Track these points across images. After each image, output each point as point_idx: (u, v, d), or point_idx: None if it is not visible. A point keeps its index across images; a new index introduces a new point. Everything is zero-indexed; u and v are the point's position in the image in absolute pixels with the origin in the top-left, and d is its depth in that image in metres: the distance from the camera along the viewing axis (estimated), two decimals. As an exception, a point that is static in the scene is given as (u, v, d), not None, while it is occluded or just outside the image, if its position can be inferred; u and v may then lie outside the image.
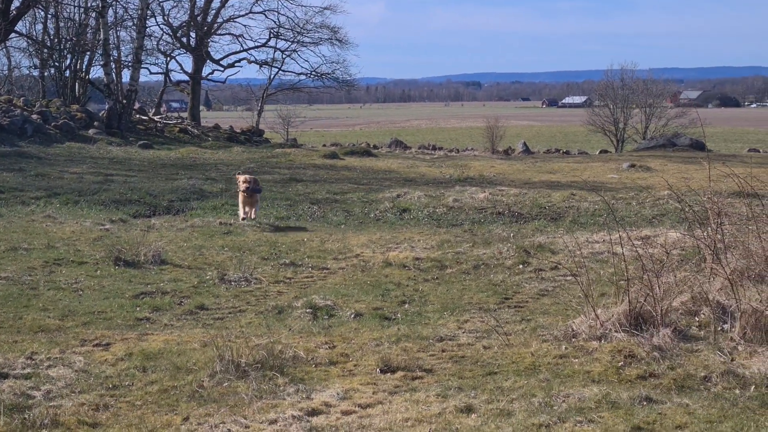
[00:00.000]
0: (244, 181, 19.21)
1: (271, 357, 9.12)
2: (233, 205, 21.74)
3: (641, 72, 69.22)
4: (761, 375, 8.53)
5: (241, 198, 19.32)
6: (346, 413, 7.93)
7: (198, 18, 60.04)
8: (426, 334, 10.40)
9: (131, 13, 53.30)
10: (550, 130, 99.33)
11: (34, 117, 38.81)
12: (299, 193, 24.88)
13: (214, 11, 61.40)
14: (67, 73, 51.03)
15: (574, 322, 10.36)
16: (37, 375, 8.81)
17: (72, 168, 29.04)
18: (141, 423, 7.66)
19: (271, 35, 63.55)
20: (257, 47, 64.27)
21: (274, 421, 7.70)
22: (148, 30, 53.01)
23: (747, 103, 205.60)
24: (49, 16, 52.32)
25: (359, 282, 13.69)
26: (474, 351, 9.82)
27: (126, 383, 8.70)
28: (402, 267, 14.64)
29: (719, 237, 12.25)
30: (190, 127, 49.53)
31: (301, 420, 7.69)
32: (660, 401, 8.04)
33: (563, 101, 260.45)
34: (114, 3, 50.54)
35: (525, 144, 51.56)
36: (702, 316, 10.39)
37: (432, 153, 46.87)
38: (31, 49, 54.17)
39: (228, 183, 26.04)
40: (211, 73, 64.09)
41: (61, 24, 52.31)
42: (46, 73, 53.92)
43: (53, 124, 39.10)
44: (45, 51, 52.36)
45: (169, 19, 59.99)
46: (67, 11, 51.85)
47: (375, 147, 48.75)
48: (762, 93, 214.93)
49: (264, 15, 63.25)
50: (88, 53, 51.97)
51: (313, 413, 7.91)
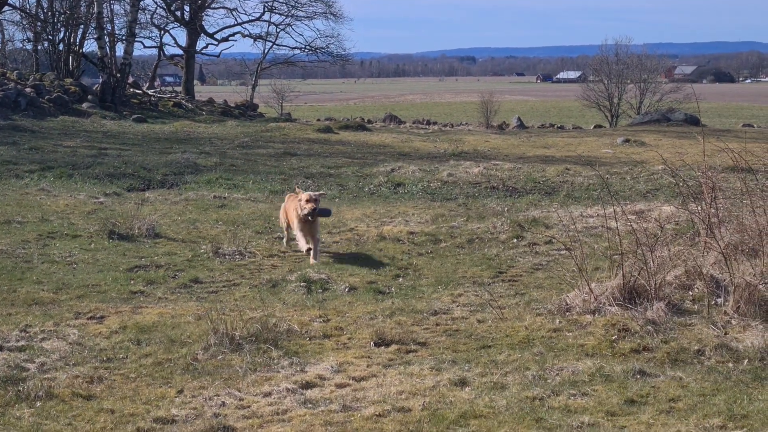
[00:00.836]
0: (307, 201, 13.32)
1: (266, 330, 9.12)
2: (227, 179, 21.67)
3: (636, 47, 69.08)
4: (754, 349, 8.55)
5: (299, 224, 13.49)
6: (340, 386, 7.94)
7: (192, -9, 59.72)
8: (420, 307, 10.41)
9: (125, -14, 52.98)
10: (544, 105, 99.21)
11: (27, 90, 38.62)
12: (293, 168, 24.82)
13: (208, -16, 61.10)
14: (61, 47, 50.63)
15: (568, 296, 10.36)
16: (31, 347, 8.81)
17: (66, 141, 28.94)
18: (135, 395, 7.66)
19: (266, 9, 63.27)
20: (251, 21, 64.02)
21: (268, 394, 7.71)
22: (142, 3, 52.67)
23: (742, 79, 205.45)
24: (43, -12, 52.01)
25: (353, 256, 13.69)
26: (468, 325, 9.83)
27: (120, 356, 8.70)
28: (396, 241, 14.64)
29: (713, 211, 12.23)
30: (184, 101, 49.40)
31: (295, 393, 7.69)
32: (653, 375, 8.06)
33: (558, 76, 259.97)
34: (108, -24, 50.20)
35: (519, 119, 51.45)
36: (696, 290, 10.40)
37: (426, 128, 46.74)
38: (25, 23, 53.72)
39: (222, 157, 25.98)
40: (206, 47, 63.80)
41: (55, -3, 52.02)
42: (39, 47, 53.53)
43: (47, 97, 38.90)
44: (38, 24, 51.94)
45: (163, -8, 59.68)
46: (61, -16, 51.54)
47: (369, 121, 48.61)
48: (757, 68, 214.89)
49: (258, -12, 63.05)
50: (81, 27, 51.56)
51: (308, 386, 7.92)
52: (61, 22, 51.28)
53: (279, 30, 64.57)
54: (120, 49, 49.00)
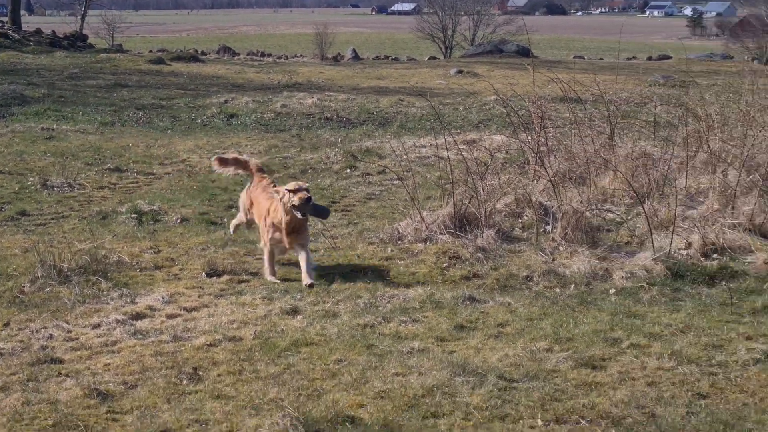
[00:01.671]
0: (295, 191, 8.98)
1: (95, 262, 8.88)
2: (56, 111, 20.92)
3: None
4: (581, 274, 8.76)
5: (286, 223, 9.07)
6: (171, 317, 7.81)
7: None
8: (253, 238, 10.27)
9: None
10: (379, 36, 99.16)
11: None
12: (124, 99, 24.16)
13: None
14: None
15: (400, 224, 10.40)
16: None
17: None
18: (-47, 331, 7.37)
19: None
20: (79, -53, 61.71)
21: (97, 326, 7.52)
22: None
23: (573, 11, 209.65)
24: None
25: (185, 187, 13.43)
26: (300, 254, 9.77)
27: (-63, 291, 8.35)
28: (228, 172, 14.43)
29: (543, 140, 12.47)
30: (10, 32, 47.31)
31: (125, 324, 7.52)
32: (483, 300, 8.17)
33: (393, 8, 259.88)
34: None
35: (354, 51, 51.24)
36: (525, 217, 10.59)
37: (260, 59, 46.23)
38: None
39: (50, 88, 25.07)
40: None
41: None
42: None
43: None
44: None
45: None
46: None
47: (203, 53, 47.64)
48: (588, 1, 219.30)
49: None
50: None
51: (138, 317, 7.77)
52: None
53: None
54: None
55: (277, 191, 9.12)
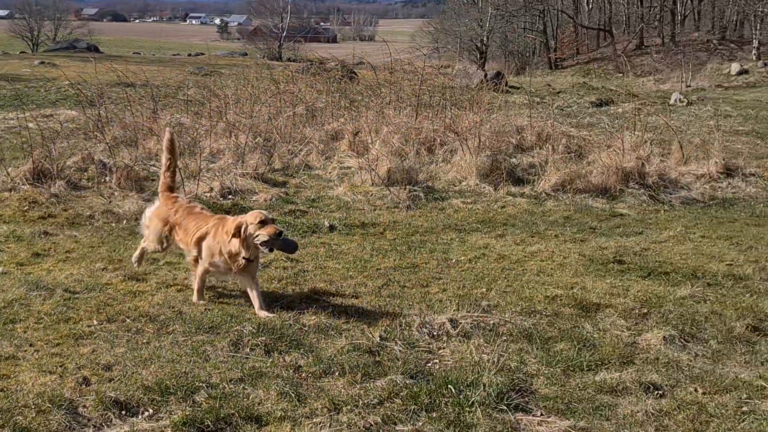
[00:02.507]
0: (261, 222, 5.74)
1: None
2: None
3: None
4: (131, 212, 8.62)
5: (243, 257, 5.82)
6: None
7: None
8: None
9: None
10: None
11: None
12: None
13: None
14: None
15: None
16: None
17: None
18: None
19: None
20: None
21: None
22: None
23: (133, 19, 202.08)
24: None
25: None
26: None
27: None
28: None
29: (103, 114, 12.07)
30: None
31: None
32: (55, 234, 7.81)
33: None
34: None
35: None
36: (90, 171, 10.17)
37: None
38: None
39: None
40: None
41: None
42: None
43: None
44: None
45: None
46: None
47: None
48: (143, 11, 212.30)
49: None
50: None
51: None
52: None
53: None
54: None
55: (223, 220, 5.92)
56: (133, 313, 5.64)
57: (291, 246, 5.96)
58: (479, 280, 6.66)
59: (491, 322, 5.54)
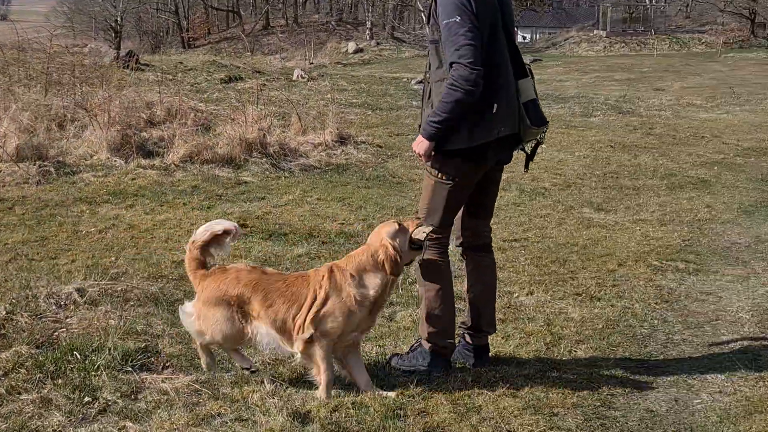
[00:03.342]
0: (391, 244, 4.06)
1: None
2: None
3: None
4: None
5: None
6: None
7: None
8: None
9: None
10: None
11: None
12: None
13: None
14: None
15: None
16: None
17: None
18: None
19: None
20: None
21: None
22: None
23: None
24: None
25: None
26: None
27: None
28: None
29: None
30: None
31: None
32: None
33: None
34: None
35: None
36: None
37: None
38: None
39: None
40: None
41: None
42: None
43: None
44: None
45: None
46: None
47: None
48: None
49: None
50: None
51: None
52: None
53: None
54: None
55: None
56: None
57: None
58: (109, 249, 6.66)
59: (119, 288, 5.60)
